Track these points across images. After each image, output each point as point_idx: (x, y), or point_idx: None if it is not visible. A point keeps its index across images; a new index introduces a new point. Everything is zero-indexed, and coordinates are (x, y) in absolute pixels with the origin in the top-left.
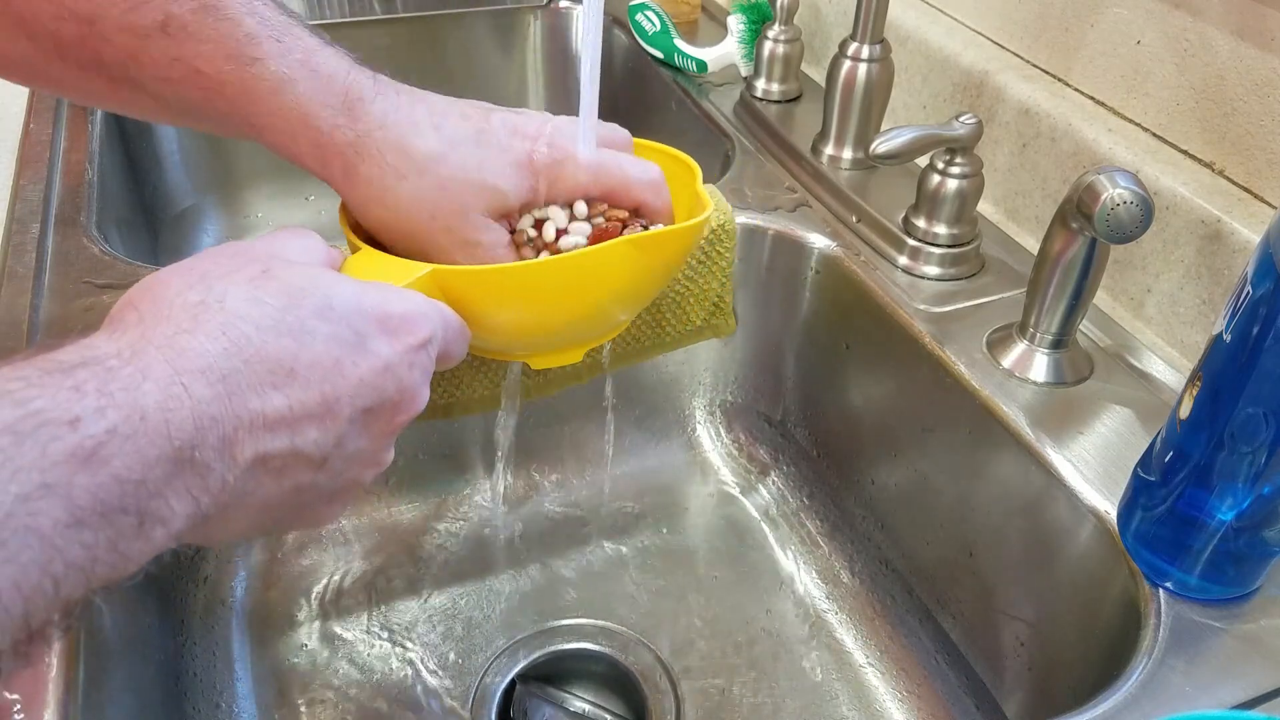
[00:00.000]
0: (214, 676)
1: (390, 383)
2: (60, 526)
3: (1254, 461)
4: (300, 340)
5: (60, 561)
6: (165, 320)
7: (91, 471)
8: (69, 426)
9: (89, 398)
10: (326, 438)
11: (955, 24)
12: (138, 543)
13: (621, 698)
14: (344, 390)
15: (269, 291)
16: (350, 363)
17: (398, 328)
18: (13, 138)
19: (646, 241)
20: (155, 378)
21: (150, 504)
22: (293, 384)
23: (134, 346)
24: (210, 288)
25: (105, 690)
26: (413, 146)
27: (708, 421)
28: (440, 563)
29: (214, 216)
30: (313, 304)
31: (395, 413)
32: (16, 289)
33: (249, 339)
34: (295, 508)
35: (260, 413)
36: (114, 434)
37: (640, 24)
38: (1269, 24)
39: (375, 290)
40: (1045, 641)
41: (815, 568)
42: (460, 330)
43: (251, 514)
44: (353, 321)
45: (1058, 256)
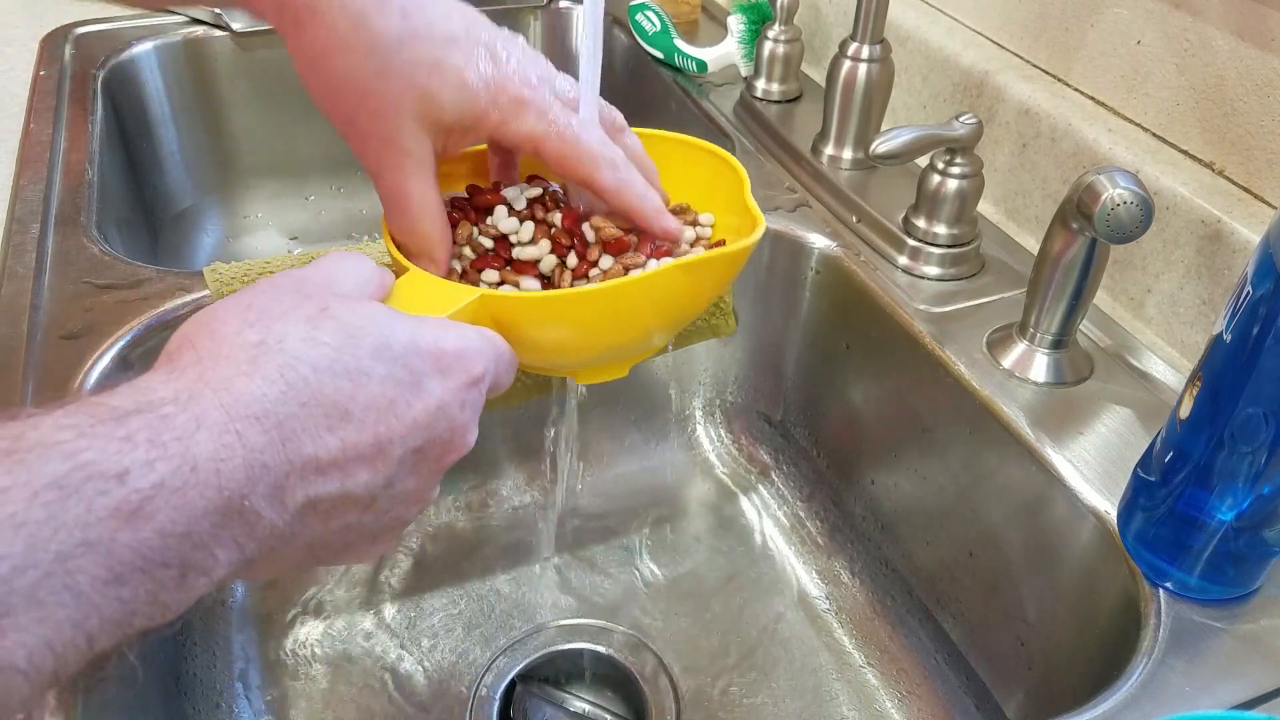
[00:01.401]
0: (214, 676)
1: (443, 422)
2: (99, 584)
3: (1254, 461)
4: (356, 381)
5: (97, 618)
6: (223, 361)
7: (135, 528)
8: (116, 480)
9: (140, 449)
10: (376, 479)
11: (955, 24)
12: (178, 593)
13: (621, 698)
14: (397, 431)
15: (327, 331)
16: (405, 403)
17: (451, 366)
18: (13, 138)
19: (697, 266)
20: (210, 425)
21: (194, 555)
22: (347, 426)
23: (191, 390)
24: (269, 328)
25: (105, 690)
26: (370, 22)
27: (708, 421)
28: (440, 563)
29: (214, 216)
30: (370, 344)
31: (445, 452)
32: (16, 289)
33: (306, 381)
34: (340, 547)
35: (314, 457)
36: (161, 487)
37: (640, 24)
38: (1269, 24)
39: (430, 327)
40: (1045, 641)
41: (815, 568)
42: (510, 360)
43: (296, 554)
44: (409, 361)
45: (1058, 256)
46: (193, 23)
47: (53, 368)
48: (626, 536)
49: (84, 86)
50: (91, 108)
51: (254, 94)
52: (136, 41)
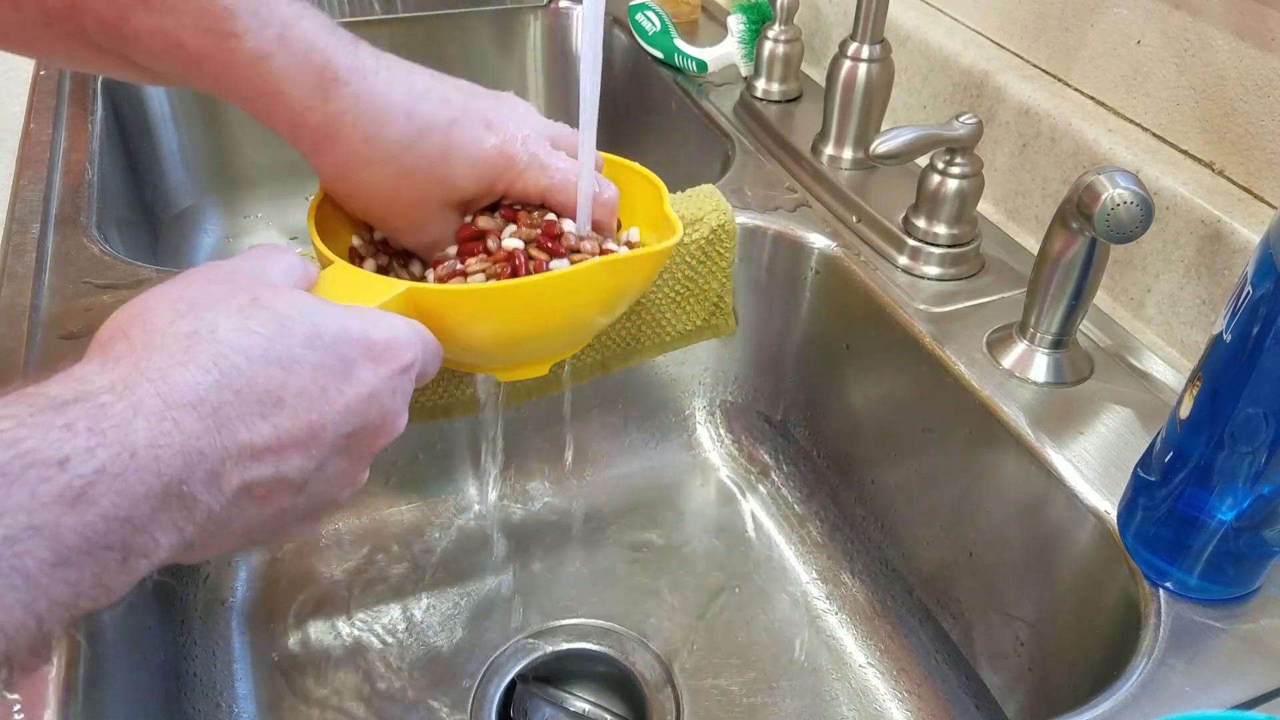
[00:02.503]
0: (214, 676)
1: (374, 409)
2: (46, 566)
3: (1254, 461)
4: (289, 369)
5: (44, 600)
6: (157, 351)
7: (79, 512)
8: (59, 467)
9: (80, 436)
10: (309, 464)
11: (955, 24)
12: (121, 575)
13: (621, 698)
14: (329, 418)
15: (258, 320)
16: (336, 390)
17: (382, 354)
18: (13, 138)
19: (619, 264)
20: (147, 413)
21: (135, 539)
22: (280, 413)
23: (126, 380)
24: (201, 317)
25: (105, 690)
26: (382, 134)
27: (708, 421)
28: (440, 563)
29: (214, 216)
30: (301, 332)
31: (376, 436)
32: (16, 289)
33: (239, 370)
34: (274, 527)
35: (248, 443)
36: (103, 473)
37: (640, 24)
38: (1269, 24)
39: (359, 316)
40: (1045, 641)
41: (815, 568)
42: (436, 350)
43: (233, 537)
44: (339, 349)
45: (1058, 256)
46: None
47: (52, 368)
48: (626, 536)
49: (84, 86)
50: (91, 108)
51: None
52: None
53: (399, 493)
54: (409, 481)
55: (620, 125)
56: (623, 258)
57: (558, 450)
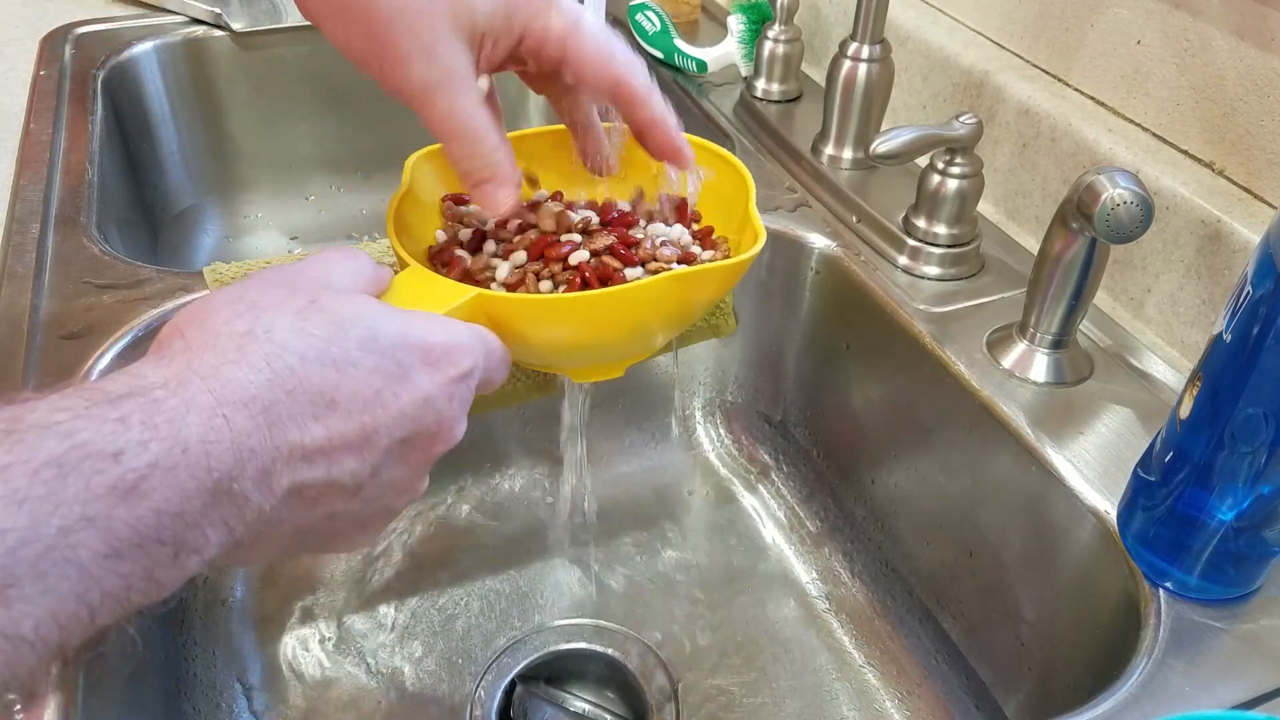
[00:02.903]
0: (214, 676)
1: (429, 414)
2: (99, 558)
3: (1254, 461)
4: (343, 371)
5: (97, 591)
6: (211, 350)
7: (132, 505)
8: (112, 459)
9: (133, 430)
10: (363, 468)
11: (955, 24)
12: (172, 571)
13: (621, 698)
14: (383, 421)
15: (315, 323)
16: (391, 394)
17: (440, 359)
18: (13, 138)
19: (692, 278)
20: (199, 409)
21: (187, 534)
22: (333, 415)
23: (180, 376)
24: (258, 318)
25: (105, 690)
26: None
27: (708, 421)
28: (440, 563)
29: (214, 216)
30: (358, 335)
31: (432, 443)
32: (16, 289)
33: (292, 370)
34: (328, 533)
35: (299, 444)
36: (155, 467)
37: (640, 24)
38: (1269, 24)
39: (420, 321)
40: (1045, 641)
41: (815, 568)
42: (502, 358)
43: (284, 540)
44: (396, 353)
45: (1058, 256)
46: (193, 23)
47: (53, 368)
48: (626, 536)
49: (84, 86)
50: (91, 108)
51: (254, 94)
52: (136, 41)
53: None
54: None
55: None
56: (696, 271)
57: (557, 450)
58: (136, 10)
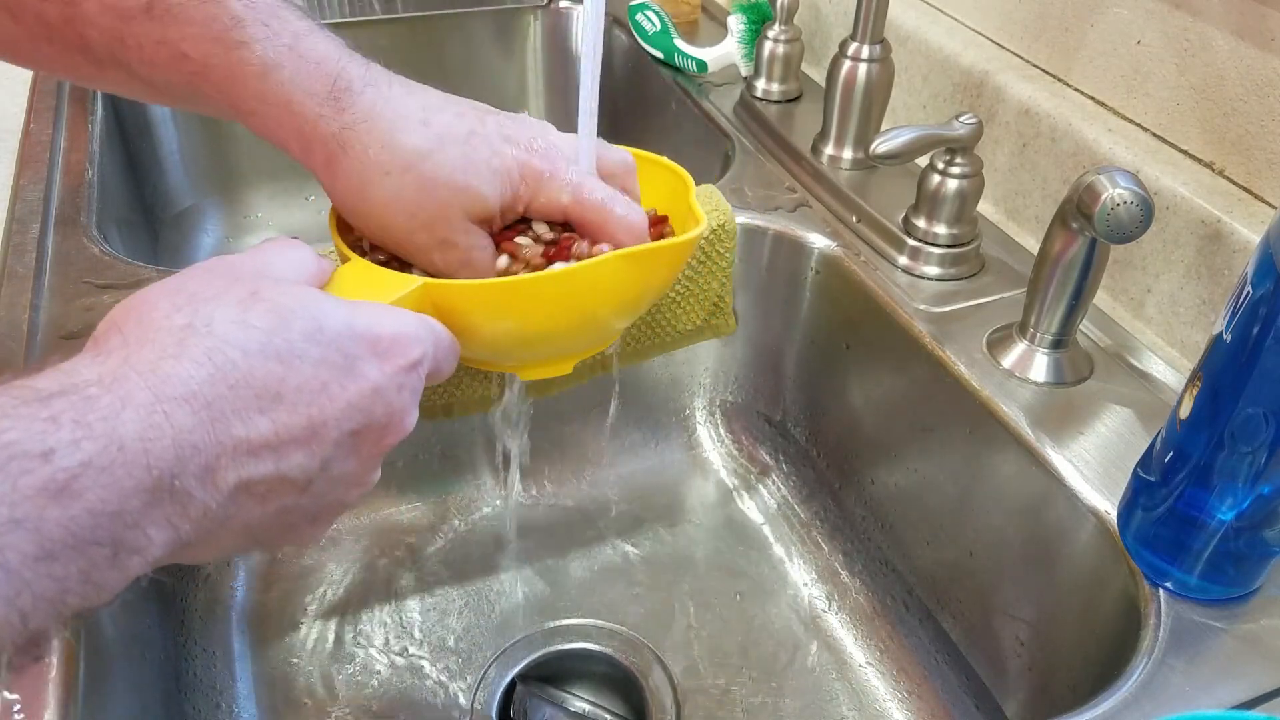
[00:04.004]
0: (214, 676)
1: (379, 405)
2: (29, 560)
3: (1254, 461)
4: (288, 364)
5: (29, 594)
6: (149, 344)
7: (64, 505)
8: (41, 459)
9: (64, 429)
10: (312, 461)
11: (955, 24)
12: (112, 572)
13: (621, 698)
14: (331, 414)
15: (257, 314)
16: (338, 386)
17: (388, 350)
18: (13, 138)
19: (640, 256)
20: (136, 406)
21: (126, 534)
22: (278, 408)
23: (115, 373)
24: (197, 310)
25: (105, 690)
26: (398, 142)
27: (708, 421)
28: (440, 563)
29: (214, 216)
30: (301, 327)
31: (383, 435)
32: (16, 289)
33: (235, 364)
34: (279, 529)
35: (244, 438)
36: (89, 466)
37: (640, 24)
38: (1269, 24)
39: (365, 311)
40: (1045, 641)
41: (815, 568)
42: (451, 347)
43: (234, 536)
44: (342, 344)
45: (1058, 256)
46: None
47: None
48: (626, 536)
49: None
50: (91, 108)
51: None
52: None
53: (399, 493)
54: (408, 482)
55: (620, 125)
56: (642, 250)
57: (557, 450)
58: None
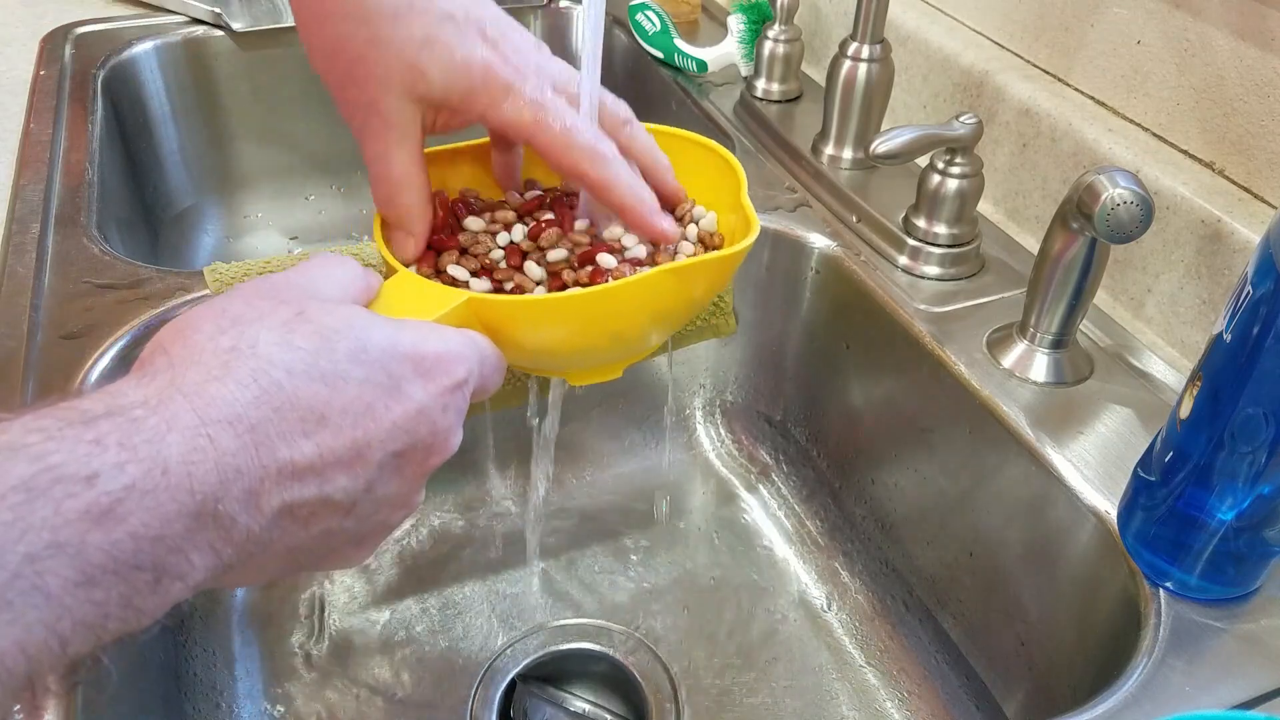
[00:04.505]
0: (214, 676)
1: (423, 426)
2: (70, 585)
3: (1254, 461)
4: (333, 385)
5: (69, 620)
6: (195, 366)
7: (106, 529)
8: (85, 483)
9: (109, 451)
10: (356, 484)
11: (955, 24)
12: (153, 598)
13: (621, 698)
14: (375, 436)
15: (302, 335)
16: (383, 407)
17: (432, 369)
18: (13, 138)
19: (686, 271)
20: (181, 428)
21: (168, 559)
22: (323, 430)
23: (161, 395)
24: (242, 332)
25: (105, 690)
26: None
27: (708, 421)
28: (440, 563)
29: (214, 216)
30: (346, 347)
31: (428, 455)
32: (16, 289)
33: (280, 386)
34: (322, 551)
35: (289, 461)
36: (132, 490)
37: (640, 24)
38: (1269, 24)
39: (411, 330)
40: (1045, 641)
41: (815, 568)
42: (497, 363)
43: (276, 560)
44: (387, 365)
45: (1058, 256)
46: (193, 23)
47: (53, 368)
48: (626, 536)
49: (84, 86)
50: (91, 108)
51: (254, 94)
52: (136, 41)
53: None
54: None
55: None
56: (688, 264)
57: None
58: (136, 10)
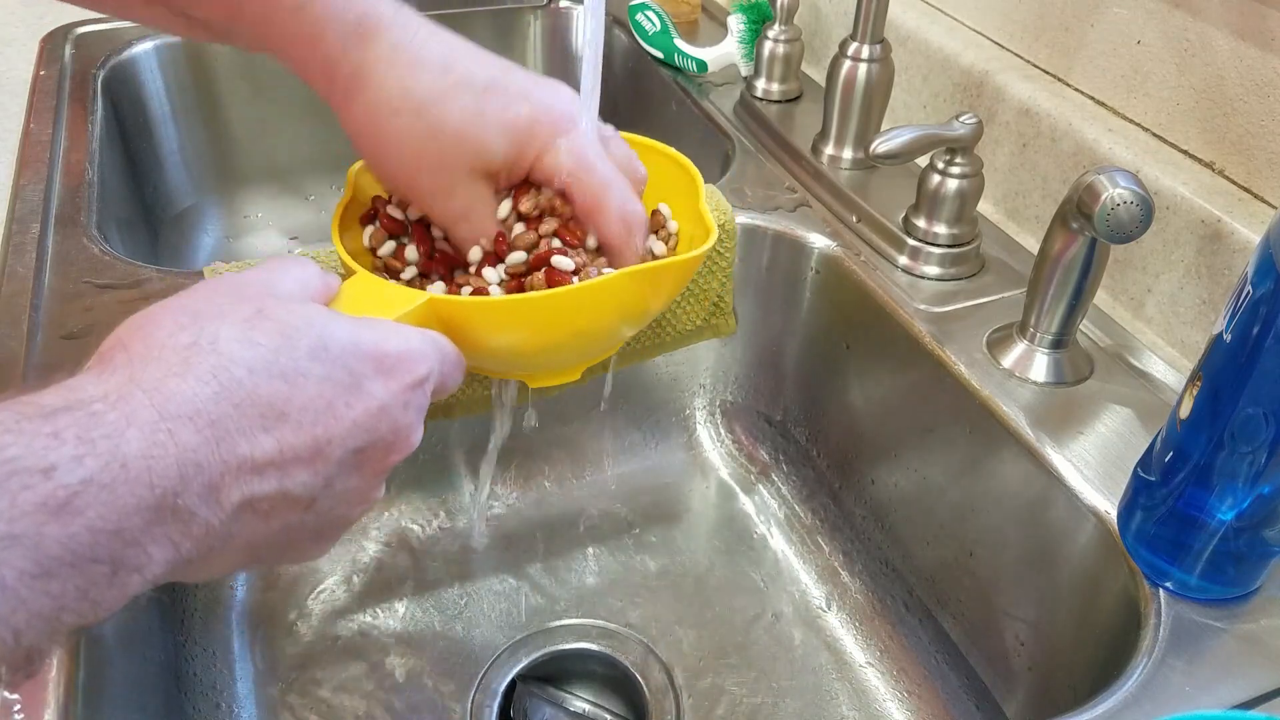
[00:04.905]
0: (214, 676)
1: (384, 423)
2: (25, 577)
3: (1254, 461)
4: (293, 383)
5: (24, 612)
6: (155, 362)
7: (63, 522)
8: (42, 475)
9: (67, 445)
10: (316, 479)
11: (955, 24)
12: (110, 590)
13: (621, 698)
14: (336, 432)
15: (263, 332)
16: (344, 404)
17: (394, 367)
18: (13, 138)
19: (644, 275)
20: (140, 424)
21: (126, 552)
22: (283, 427)
23: (120, 390)
24: (202, 329)
25: (105, 690)
26: (414, 83)
27: (708, 421)
28: (440, 563)
29: (214, 216)
30: (307, 345)
31: (388, 453)
32: (16, 289)
33: (240, 382)
34: (282, 546)
35: (249, 457)
36: (90, 483)
37: (640, 24)
38: (1269, 24)
39: (371, 329)
40: (1045, 641)
41: (815, 568)
42: (457, 362)
43: (237, 554)
44: (348, 362)
45: (1058, 256)
46: None
47: (53, 368)
48: (626, 536)
49: (84, 86)
50: (91, 108)
51: (254, 94)
52: (136, 41)
53: (398, 493)
54: (408, 482)
55: (620, 125)
56: (648, 268)
57: (557, 450)
58: None
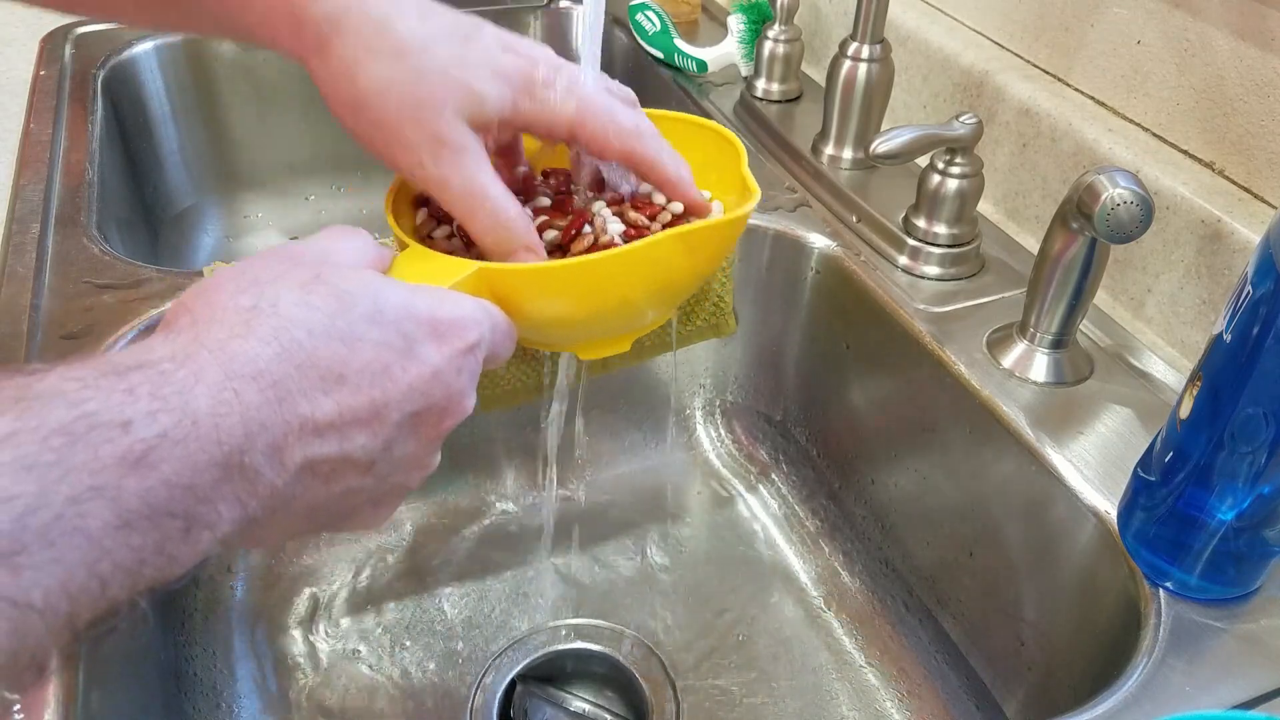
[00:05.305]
0: (214, 676)
1: (438, 388)
2: (109, 528)
3: (1254, 461)
4: (350, 346)
5: (108, 562)
6: (218, 324)
7: (141, 475)
8: (121, 429)
9: (141, 401)
10: (374, 442)
11: (955, 24)
12: (185, 546)
13: (621, 698)
14: (393, 396)
15: (320, 296)
16: (400, 368)
17: (446, 332)
18: (13, 138)
19: (693, 235)
20: (207, 382)
21: (198, 508)
22: (342, 389)
23: (188, 350)
24: (262, 292)
25: (105, 690)
26: (394, 27)
27: (708, 421)
28: (440, 562)
29: (214, 216)
30: (363, 309)
31: (442, 417)
32: (16, 289)
33: (300, 344)
34: (343, 511)
35: (310, 417)
36: (165, 438)
37: (640, 24)
38: (1269, 24)
39: (425, 295)
40: (1045, 641)
41: (815, 568)
42: (507, 330)
43: (299, 517)
44: (402, 327)
45: (1058, 256)
46: None
47: None
48: (626, 536)
49: (84, 86)
50: (91, 108)
51: (254, 94)
52: (136, 41)
53: None
54: None
55: None
56: (695, 228)
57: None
58: None
